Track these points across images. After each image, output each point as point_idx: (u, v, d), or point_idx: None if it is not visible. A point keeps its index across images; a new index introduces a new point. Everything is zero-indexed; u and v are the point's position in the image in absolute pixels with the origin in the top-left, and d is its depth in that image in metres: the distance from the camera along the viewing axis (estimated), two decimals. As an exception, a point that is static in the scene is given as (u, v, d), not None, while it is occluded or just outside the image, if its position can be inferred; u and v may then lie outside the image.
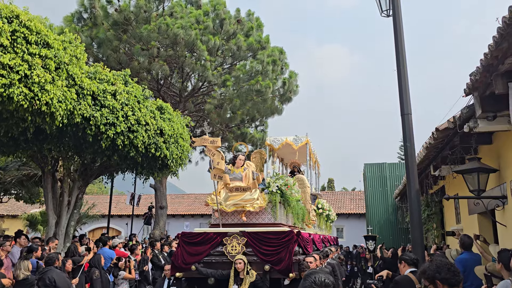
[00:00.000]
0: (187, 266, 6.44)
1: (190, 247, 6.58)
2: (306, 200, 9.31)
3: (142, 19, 15.55)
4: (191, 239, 6.65)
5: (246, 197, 6.78)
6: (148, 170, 10.50)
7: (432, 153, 8.06)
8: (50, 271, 6.54)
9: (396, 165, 20.58)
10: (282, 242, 6.24)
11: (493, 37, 4.13)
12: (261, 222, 6.84)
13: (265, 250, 6.25)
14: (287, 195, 7.24)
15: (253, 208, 6.73)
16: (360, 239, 23.35)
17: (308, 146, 10.11)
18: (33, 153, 9.75)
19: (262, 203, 6.79)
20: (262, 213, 6.89)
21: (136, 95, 9.00)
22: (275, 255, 6.17)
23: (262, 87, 16.02)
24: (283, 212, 7.36)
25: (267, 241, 6.30)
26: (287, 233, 6.34)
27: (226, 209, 6.82)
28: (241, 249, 6.33)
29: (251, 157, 8.67)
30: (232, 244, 6.43)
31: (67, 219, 10.33)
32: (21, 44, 6.42)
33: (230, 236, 6.49)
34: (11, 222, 26.30)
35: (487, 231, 7.68)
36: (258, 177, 6.93)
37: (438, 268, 2.96)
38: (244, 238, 6.40)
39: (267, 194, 6.93)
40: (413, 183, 5.82)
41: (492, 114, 5.26)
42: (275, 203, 6.87)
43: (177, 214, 28.00)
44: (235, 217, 6.94)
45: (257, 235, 6.38)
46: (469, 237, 6.05)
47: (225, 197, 6.91)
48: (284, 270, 6.07)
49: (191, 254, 6.52)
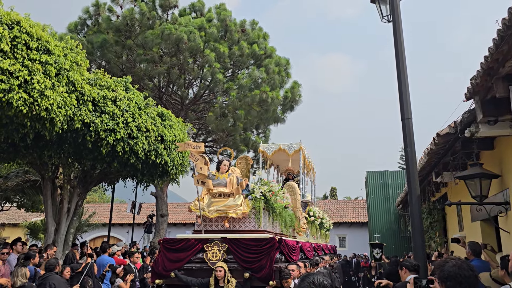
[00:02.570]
0: (167, 272, 6.31)
1: (171, 253, 6.45)
2: (297, 207, 9.22)
3: (146, 26, 15.63)
4: (172, 245, 6.52)
5: (229, 203, 6.66)
6: (149, 177, 10.45)
7: (433, 159, 8.00)
8: (50, 277, 6.47)
9: (398, 173, 20.51)
10: (263, 249, 6.10)
11: (493, 39, 4.11)
12: (244, 229, 6.72)
13: (246, 257, 6.11)
14: (271, 201, 7.13)
15: (236, 214, 6.60)
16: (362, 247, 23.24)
17: (301, 153, 10.05)
18: (33, 160, 9.73)
19: (246, 209, 6.66)
20: (245, 220, 6.77)
21: (137, 102, 9.00)
22: (256, 262, 6.03)
23: (269, 97, 16.03)
24: (268, 219, 7.25)
25: (248, 248, 6.16)
26: (268, 240, 6.19)
27: (209, 215, 6.69)
28: (222, 256, 6.20)
29: (236, 163, 8.59)
30: (213, 251, 6.31)
31: (67, 226, 10.28)
32: (21, 50, 6.42)
33: (211, 243, 6.37)
34: (12, 230, 26.24)
35: (490, 238, 7.59)
36: (242, 182, 6.80)
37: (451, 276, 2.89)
38: (225, 245, 6.28)
39: (251, 200, 6.80)
40: (414, 188, 5.76)
41: (494, 118, 5.22)
42: (259, 210, 6.74)
43: (178, 222, 27.91)
44: (218, 223, 6.82)
45: (238, 242, 6.24)
46: (478, 245, 5.96)
47: (208, 203, 6.79)
48: (265, 278, 5.93)
49: (171, 261, 6.39)
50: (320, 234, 12.84)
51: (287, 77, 18.04)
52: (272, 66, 16.69)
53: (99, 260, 9.24)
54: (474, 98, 5.24)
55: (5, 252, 7.45)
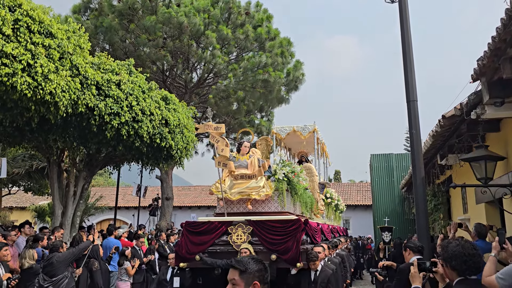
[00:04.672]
0: (191, 256, 6.27)
1: (194, 236, 6.41)
2: (314, 189, 9.13)
3: (148, 9, 15.48)
4: (195, 229, 6.48)
5: (252, 185, 6.58)
6: (154, 161, 10.50)
7: (438, 141, 7.97)
8: (55, 256, 6.54)
9: (403, 155, 20.45)
10: (289, 231, 6.03)
11: (501, 19, 4.04)
12: (268, 211, 6.64)
13: (272, 239, 6.05)
14: (294, 182, 7.02)
15: (259, 196, 6.52)
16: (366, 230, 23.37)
17: (316, 135, 9.94)
18: (38, 144, 9.79)
19: (268, 191, 6.59)
20: (268, 202, 6.69)
21: (141, 85, 8.97)
22: (282, 244, 5.96)
23: (272, 77, 15.90)
24: (290, 201, 7.15)
25: (274, 230, 6.10)
26: (294, 222, 6.12)
27: (231, 198, 6.61)
28: (247, 238, 6.14)
29: (256, 144, 8.50)
30: (238, 233, 6.25)
31: (73, 210, 10.38)
32: (24, 33, 6.39)
33: (235, 225, 6.31)
34: (19, 213, 26.56)
35: (494, 220, 7.59)
36: (264, 164, 6.71)
37: (455, 256, 2.91)
38: (249, 227, 6.22)
39: (274, 181, 6.72)
40: (418, 170, 5.75)
41: (500, 100, 5.16)
42: (281, 191, 6.67)
43: (183, 205, 28.15)
44: (240, 205, 6.76)
45: (263, 224, 6.18)
46: (484, 226, 5.97)
47: (230, 185, 6.71)
48: (291, 260, 5.88)
49: (195, 244, 6.35)
50: (334, 216, 12.85)
51: (290, 57, 17.86)
52: (275, 49, 16.53)
53: (105, 242, 9.37)
54: (480, 79, 5.17)
55: (14, 234, 7.56)
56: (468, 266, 2.89)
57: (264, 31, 16.63)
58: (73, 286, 6.68)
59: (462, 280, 2.92)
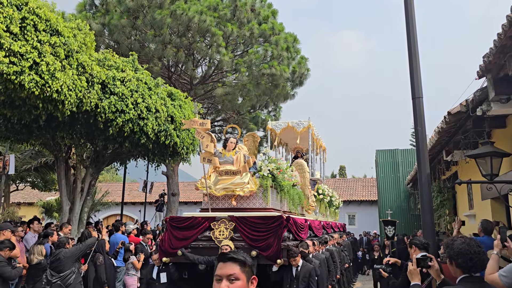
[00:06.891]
0: (174, 250, 6.32)
1: (178, 231, 6.45)
2: (305, 185, 9.16)
3: (155, 5, 15.49)
4: (178, 224, 6.51)
5: (236, 181, 6.59)
6: (160, 157, 10.56)
7: (444, 137, 7.95)
8: (62, 252, 6.62)
9: (409, 151, 20.38)
10: (271, 228, 6.06)
11: (506, 16, 4.02)
12: (252, 207, 6.66)
13: (253, 235, 6.08)
14: (279, 179, 7.03)
15: (243, 192, 6.54)
16: (372, 225, 23.36)
17: (310, 131, 9.98)
18: (46, 141, 9.88)
19: (253, 187, 6.60)
20: (253, 198, 6.72)
21: (147, 82, 9.00)
22: (263, 240, 6.00)
23: (277, 71, 15.90)
24: (275, 197, 7.18)
25: (255, 226, 6.12)
26: (276, 218, 6.14)
27: (216, 193, 6.64)
28: (229, 234, 6.18)
29: (243, 140, 8.50)
30: (220, 229, 6.28)
31: (81, 206, 10.49)
32: (30, 32, 6.44)
33: (218, 221, 6.34)
34: (27, 209, 26.82)
35: (500, 216, 7.58)
36: (249, 160, 6.72)
37: (461, 253, 2.92)
38: (232, 223, 6.26)
39: (258, 178, 6.72)
40: (424, 166, 5.75)
41: (506, 96, 5.15)
42: (266, 188, 6.68)
43: (189, 201, 28.23)
44: (225, 201, 6.78)
45: (245, 220, 6.21)
46: (490, 222, 5.97)
47: (215, 181, 6.72)
48: (272, 256, 5.92)
49: (178, 239, 6.39)
50: (330, 212, 12.89)
51: (296, 53, 17.84)
52: (280, 43, 16.51)
53: (112, 238, 9.44)
54: (486, 76, 5.16)
55: (21, 230, 7.65)
56: (474, 264, 2.90)
57: (268, 27, 16.61)
58: (80, 281, 6.77)
59: (467, 277, 2.93)
